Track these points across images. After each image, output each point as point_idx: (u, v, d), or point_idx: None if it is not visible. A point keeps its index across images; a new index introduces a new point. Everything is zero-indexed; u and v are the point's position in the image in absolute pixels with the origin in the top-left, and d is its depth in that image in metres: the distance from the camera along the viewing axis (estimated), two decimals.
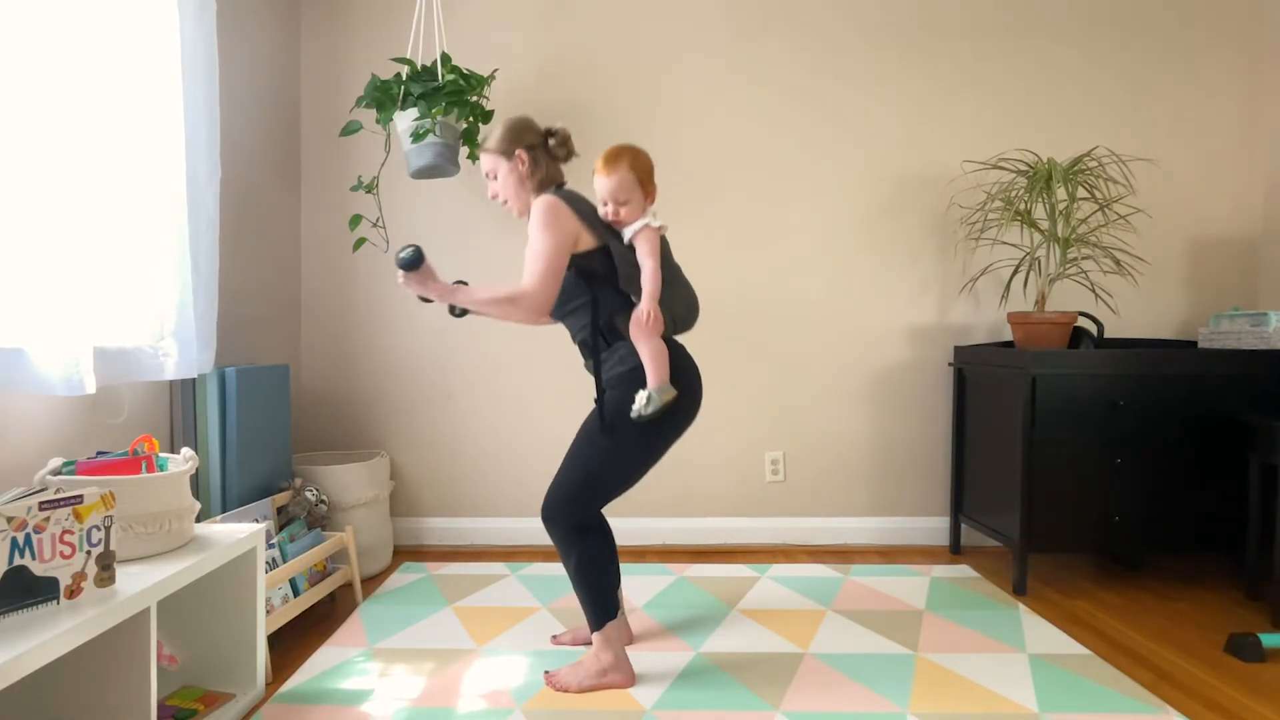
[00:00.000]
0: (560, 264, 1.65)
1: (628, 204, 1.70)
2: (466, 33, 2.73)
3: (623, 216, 1.71)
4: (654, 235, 1.70)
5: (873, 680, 1.72)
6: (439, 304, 1.87)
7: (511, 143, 1.76)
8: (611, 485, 1.71)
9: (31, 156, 1.47)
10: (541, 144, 1.78)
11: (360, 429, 2.83)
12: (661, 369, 1.63)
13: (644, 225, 1.70)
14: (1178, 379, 2.26)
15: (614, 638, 1.70)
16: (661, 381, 1.62)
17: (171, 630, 1.65)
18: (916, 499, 2.84)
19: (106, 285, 1.69)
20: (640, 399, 1.61)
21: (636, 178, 1.71)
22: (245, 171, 2.41)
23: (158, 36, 1.79)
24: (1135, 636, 2.00)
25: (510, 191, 1.79)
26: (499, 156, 1.77)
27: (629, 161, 1.71)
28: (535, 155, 1.77)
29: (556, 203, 1.68)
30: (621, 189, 1.69)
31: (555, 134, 1.79)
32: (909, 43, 2.78)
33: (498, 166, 1.78)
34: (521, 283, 1.64)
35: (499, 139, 1.76)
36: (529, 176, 1.77)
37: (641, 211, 1.73)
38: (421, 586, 2.35)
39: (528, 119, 1.80)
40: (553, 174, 1.81)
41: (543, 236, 1.64)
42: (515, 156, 1.76)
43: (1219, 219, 2.81)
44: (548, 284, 1.63)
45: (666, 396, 1.62)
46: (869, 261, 2.80)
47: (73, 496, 1.21)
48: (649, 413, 1.60)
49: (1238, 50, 2.78)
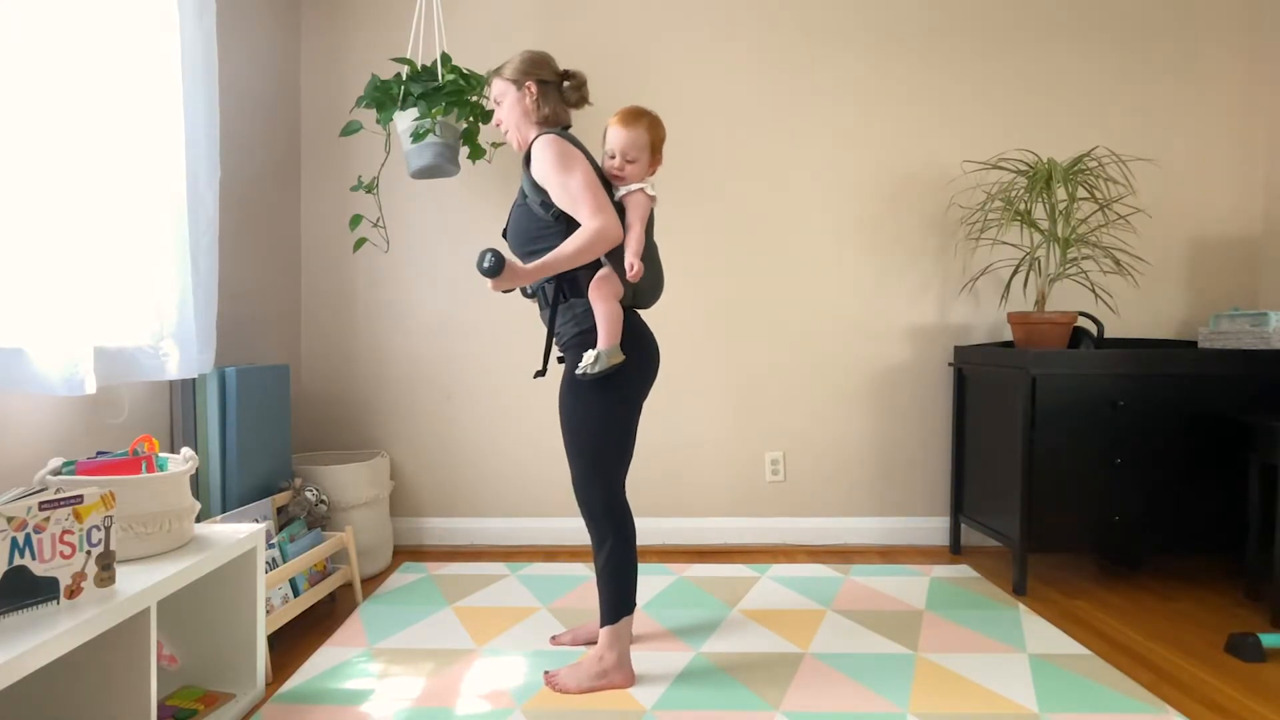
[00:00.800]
0: (600, 187, 1.64)
1: (635, 163, 1.70)
2: (466, 33, 2.73)
3: (627, 174, 1.71)
4: (647, 201, 1.71)
5: (873, 680, 1.72)
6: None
7: (525, 73, 1.73)
8: (610, 452, 1.70)
9: (32, 157, 1.47)
10: (556, 82, 1.76)
11: (360, 429, 2.83)
12: (614, 332, 1.63)
13: (639, 189, 1.71)
14: (1178, 379, 2.26)
15: (623, 635, 1.70)
16: (611, 344, 1.62)
17: (171, 630, 1.65)
18: (916, 499, 2.84)
19: (106, 285, 1.69)
20: (588, 357, 1.61)
21: (651, 140, 1.71)
22: (245, 172, 2.41)
23: (158, 37, 1.79)
24: (1135, 636, 2.00)
25: (513, 120, 1.76)
26: (509, 83, 1.75)
27: (649, 123, 1.72)
28: (546, 89, 1.74)
29: (562, 140, 1.67)
30: (636, 146, 1.69)
31: (573, 77, 1.77)
32: (909, 43, 2.78)
33: (506, 93, 1.75)
34: (586, 224, 1.60)
35: (515, 66, 1.74)
36: (534, 109, 1.74)
37: (643, 177, 1.74)
38: (421, 586, 2.35)
39: (548, 55, 1.78)
40: (559, 114, 1.78)
41: (570, 174, 1.62)
42: (525, 87, 1.74)
43: (1219, 219, 2.81)
44: (607, 208, 1.62)
45: (614, 359, 1.61)
46: (869, 261, 2.80)
47: (73, 496, 1.21)
48: (594, 371, 1.59)
49: (1237, 51, 2.79)
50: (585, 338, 1.66)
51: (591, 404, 1.67)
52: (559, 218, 1.66)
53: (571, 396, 1.68)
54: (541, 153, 1.64)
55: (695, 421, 2.81)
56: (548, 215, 1.67)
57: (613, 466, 1.70)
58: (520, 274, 1.58)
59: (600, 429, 1.68)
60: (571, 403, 1.68)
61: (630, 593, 1.71)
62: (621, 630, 1.70)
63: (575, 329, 1.69)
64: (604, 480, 1.70)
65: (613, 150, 1.71)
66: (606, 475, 1.70)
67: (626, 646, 1.71)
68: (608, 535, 1.70)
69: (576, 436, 1.69)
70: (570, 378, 1.69)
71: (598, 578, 1.72)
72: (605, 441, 1.69)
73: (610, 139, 1.71)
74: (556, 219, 1.67)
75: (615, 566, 1.70)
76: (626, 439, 1.71)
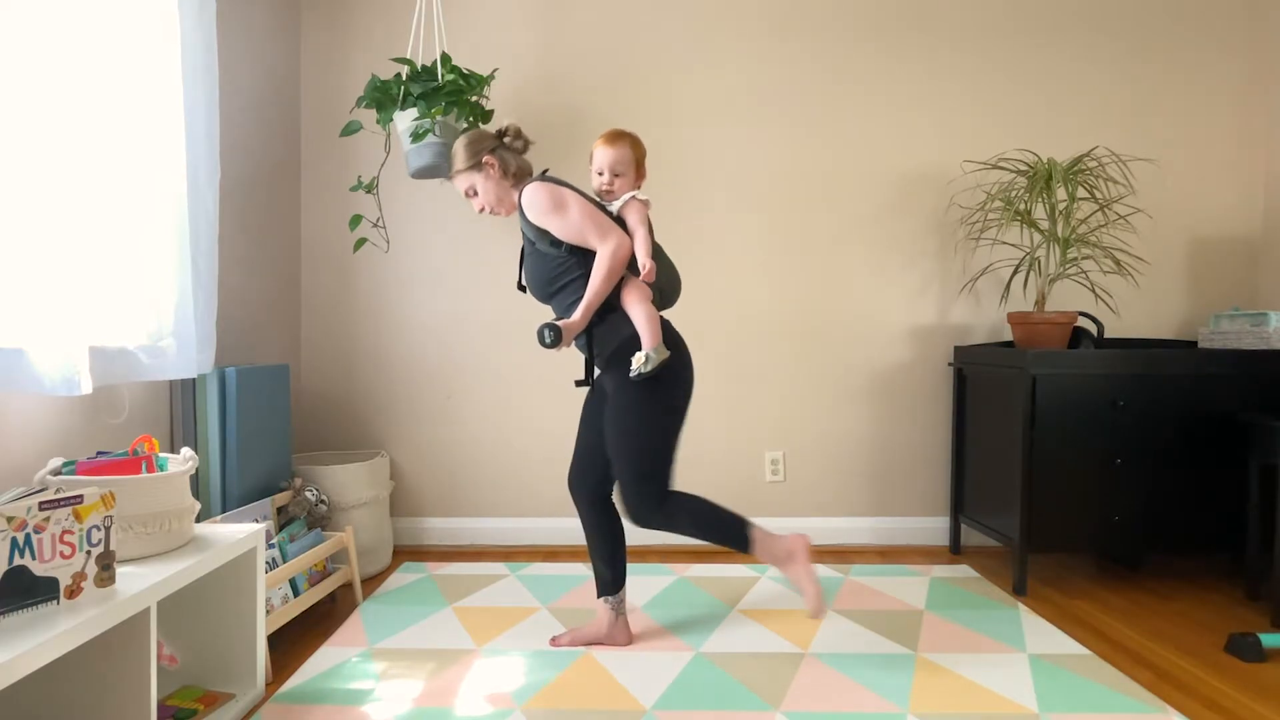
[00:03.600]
0: (596, 210, 1.74)
1: (622, 177, 1.81)
2: (466, 33, 2.73)
3: (615, 188, 1.81)
4: (642, 207, 1.81)
5: (873, 680, 1.72)
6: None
7: (476, 154, 1.85)
8: (662, 450, 1.76)
9: (32, 157, 1.47)
10: (500, 144, 1.87)
11: (360, 429, 2.83)
12: (655, 331, 1.72)
13: (631, 197, 1.81)
14: (1178, 379, 2.26)
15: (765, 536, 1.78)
16: (656, 342, 1.71)
17: (171, 630, 1.65)
18: (916, 499, 2.84)
19: (106, 285, 1.69)
20: (638, 359, 1.69)
21: (635, 156, 1.83)
22: (245, 171, 2.41)
23: (158, 36, 1.79)
24: (1135, 636, 2.00)
25: (493, 197, 1.88)
26: (470, 172, 1.86)
27: (631, 141, 1.83)
28: (500, 155, 1.86)
29: (546, 184, 1.75)
30: (621, 162, 1.80)
31: (507, 130, 1.88)
32: (909, 43, 2.78)
33: (473, 181, 1.87)
34: (601, 250, 1.71)
35: (463, 158, 1.86)
36: (504, 176, 1.86)
37: (630, 189, 1.83)
38: (421, 586, 2.35)
39: (477, 129, 1.90)
40: (522, 165, 1.89)
41: (566, 210, 1.73)
42: (485, 164, 1.84)
43: (1219, 219, 2.81)
44: (611, 226, 1.74)
45: (662, 356, 1.70)
46: (869, 261, 2.80)
47: (73, 496, 1.21)
48: (648, 370, 1.68)
49: (1238, 50, 2.78)
50: (629, 345, 1.74)
51: (643, 411, 1.74)
52: (572, 251, 1.77)
53: (622, 406, 1.75)
54: (531, 200, 1.74)
55: (695, 421, 2.81)
56: (560, 251, 1.77)
57: (668, 461, 1.77)
58: (574, 326, 1.70)
59: (658, 427, 1.75)
60: (623, 411, 1.75)
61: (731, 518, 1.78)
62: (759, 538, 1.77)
63: (616, 339, 1.76)
64: (659, 477, 1.75)
65: (600, 167, 1.82)
66: (662, 472, 1.76)
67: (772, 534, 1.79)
68: (680, 517, 1.75)
69: (633, 442, 1.75)
70: (617, 389, 1.76)
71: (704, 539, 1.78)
72: (665, 438, 1.76)
73: (597, 158, 1.82)
74: (570, 253, 1.77)
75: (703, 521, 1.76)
76: (674, 444, 1.78)
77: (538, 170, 1.91)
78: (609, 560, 1.92)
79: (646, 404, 1.74)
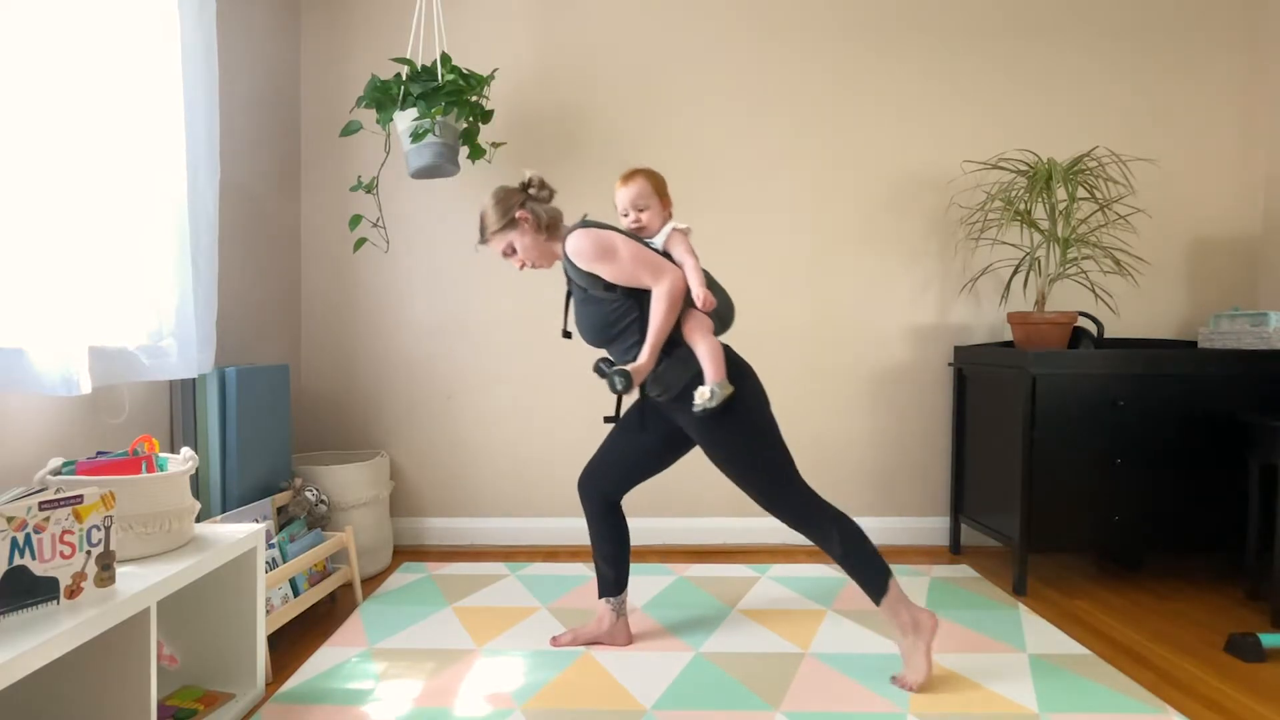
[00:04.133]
0: (643, 248, 1.73)
1: (647, 210, 1.80)
2: (466, 33, 2.73)
3: (644, 222, 1.80)
4: (683, 236, 1.81)
5: (873, 680, 1.72)
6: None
7: (506, 213, 1.81)
8: (779, 459, 1.74)
9: (32, 157, 1.47)
10: (528, 198, 1.84)
11: (360, 429, 2.83)
12: (720, 365, 1.69)
13: (671, 229, 1.80)
14: (1178, 379, 2.26)
15: (899, 596, 1.69)
16: (721, 376, 1.68)
17: (171, 630, 1.65)
18: (916, 499, 2.84)
19: (107, 285, 1.69)
20: (703, 394, 1.66)
21: (653, 186, 1.82)
22: (245, 171, 2.41)
23: (158, 36, 1.79)
24: (1135, 636, 2.00)
25: (534, 253, 1.84)
26: (505, 232, 1.82)
27: (644, 173, 1.83)
28: (531, 208, 1.83)
29: (590, 230, 1.73)
30: (640, 196, 1.80)
31: (531, 182, 1.85)
32: (909, 43, 2.78)
33: (510, 240, 1.83)
34: (656, 289, 1.69)
35: (495, 218, 1.82)
36: (539, 229, 1.83)
37: (661, 219, 1.82)
38: (421, 586, 2.35)
39: (502, 186, 1.86)
40: (553, 215, 1.86)
41: (615, 253, 1.70)
42: (519, 220, 1.81)
43: (1219, 219, 2.81)
44: (661, 263, 1.72)
45: (727, 391, 1.67)
46: (869, 261, 2.80)
47: (73, 496, 1.21)
48: (713, 405, 1.65)
49: (1238, 50, 2.79)
50: (697, 380, 1.70)
51: (740, 428, 1.72)
52: (626, 294, 1.74)
53: (722, 450, 1.73)
54: (578, 248, 1.71)
55: None
56: (614, 295, 1.74)
57: (790, 470, 1.74)
58: (643, 369, 1.68)
59: (758, 441, 1.73)
60: (722, 437, 1.72)
61: (877, 559, 1.71)
62: (894, 594, 1.69)
63: (687, 374, 1.72)
64: (791, 485, 1.73)
65: (624, 208, 1.82)
66: (790, 480, 1.73)
67: (905, 600, 1.71)
68: (826, 527, 1.72)
69: (745, 460, 1.73)
70: (702, 429, 1.73)
71: (844, 568, 1.73)
72: (767, 450, 1.73)
73: (618, 200, 1.82)
74: (625, 295, 1.74)
75: (851, 549, 1.71)
76: (783, 444, 1.76)
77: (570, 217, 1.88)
78: (612, 561, 1.92)
79: (742, 436, 1.72)
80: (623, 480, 1.92)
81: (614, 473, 1.92)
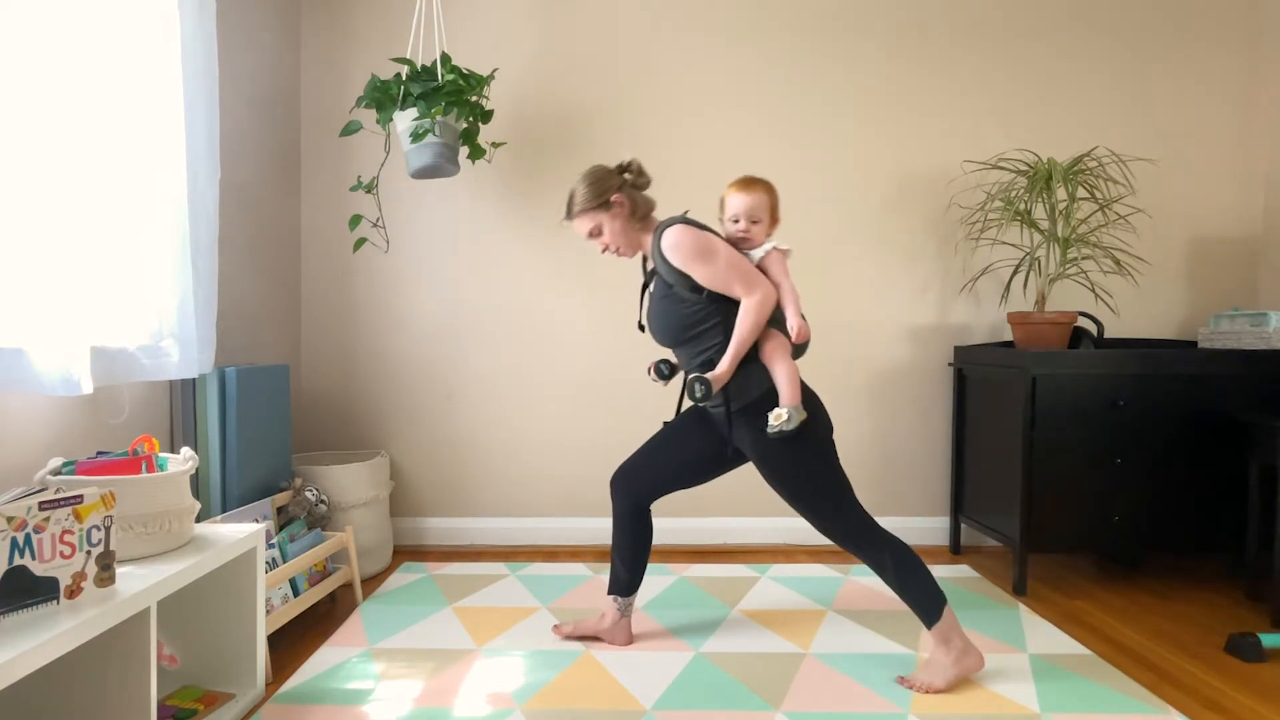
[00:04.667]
0: (742, 259, 1.70)
1: (759, 223, 1.77)
2: (466, 33, 2.73)
3: (752, 234, 1.77)
4: (783, 257, 1.78)
5: (873, 680, 1.72)
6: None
7: (600, 194, 1.77)
8: (838, 483, 1.72)
9: (32, 157, 1.47)
10: (624, 182, 1.80)
11: (360, 429, 2.83)
12: (797, 389, 1.67)
13: (773, 248, 1.77)
14: (1178, 379, 2.26)
15: (952, 624, 1.68)
16: (797, 400, 1.65)
17: (171, 630, 1.65)
18: (916, 499, 2.84)
19: (106, 285, 1.69)
20: (778, 416, 1.63)
21: (770, 201, 1.79)
22: (245, 171, 2.41)
23: (158, 36, 1.79)
24: (1135, 636, 2.00)
25: (621, 238, 1.80)
26: (595, 212, 1.78)
27: (766, 186, 1.79)
28: (628, 193, 1.79)
29: (691, 228, 1.70)
30: (758, 208, 1.76)
31: (629, 166, 1.81)
32: (909, 43, 2.78)
33: (599, 221, 1.79)
34: (747, 299, 1.66)
35: (588, 196, 1.77)
36: (633, 216, 1.80)
37: (766, 234, 1.79)
38: (421, 586, 2.35)
39: (600, 166, 1.82)
40: (648, 204, 1.83)
41: (714, 256, 1.67)
42: (614, 203, 1.77)
43: (1219, 219, 2.81)
44: (757, 276, 1.69)
45: (801, 416, 1.64)
46: (869, 261, 2.80)
47: (73, 496, 1.21)
48: (789, 429, 1.62)
49: (1237, 50, 2.79)
50: (766, 399, 1.67)
51: (805, 454, 1.69)
52: (711, 298, 1.70)
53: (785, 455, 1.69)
54: (677, 243, 1.68)
55: None
56: (699, 297, 1.71)
57: (848, 494, 1.72)
58: (722, 378, 1.65)
59: (823, 467, 1.71)
60: (789, 459, 1.69)
61: (933, 586, 1.69)
62: (947, 621, 1.67)
63: (756, 390, 1.69)
64: (849, 509, 1.71)
65: (736, 214, 1.77)
66: (848, 503, 1.71)
67: (959, 629, 1.69)
68: (881, 552, 1.70)
69: (807, 483, 1.71)
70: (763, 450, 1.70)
71: (898, 593, 1.71)
72: (830, 476, 1.71)
73: (732, 204, 1.78)
74: (710, 300, 1.71)
75: (906, 575, 1.69)
76: (841, 471, 1.74)
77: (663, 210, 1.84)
78: (629, 563, 1.91)
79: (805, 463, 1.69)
80: (658, 486, 1.91)
81: (651, 477, 1.90)
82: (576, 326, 2.80)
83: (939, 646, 1.68)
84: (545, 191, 2.76)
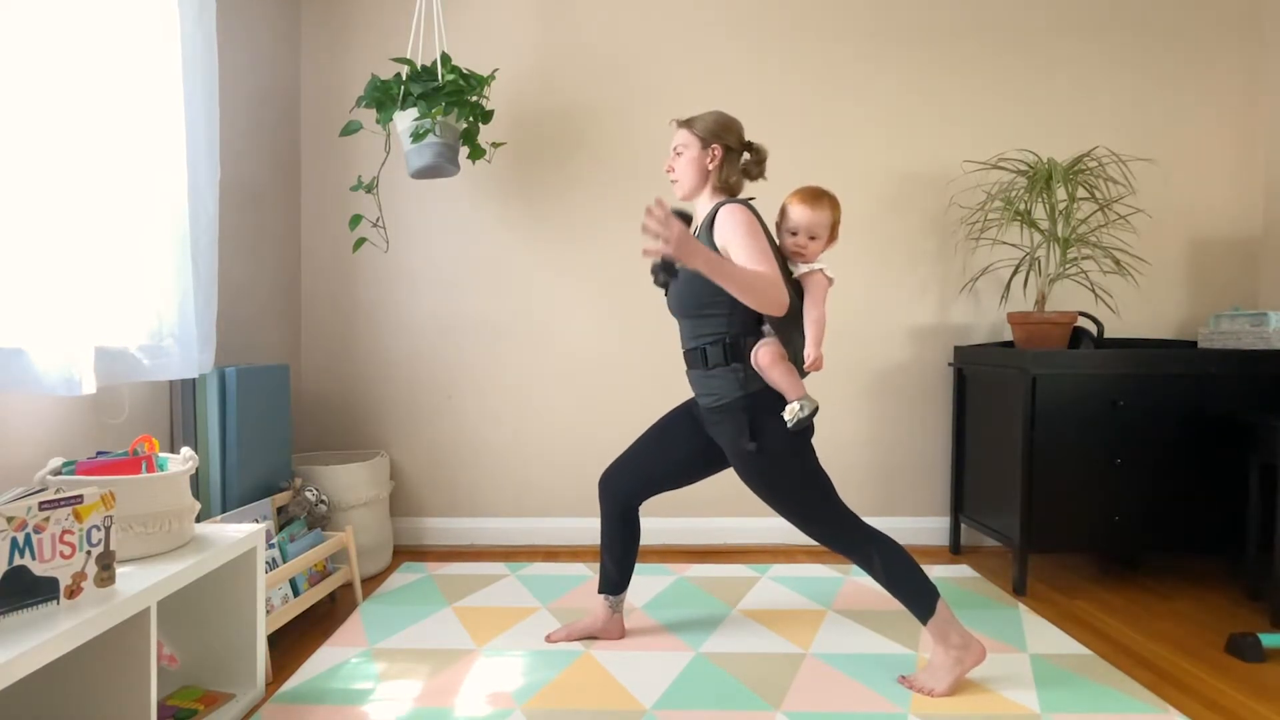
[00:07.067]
0: (776, 262, 1.66)
1: (816, 240, 1.75)
2: (466, 33, 2.73)
3: (808, 252, 1.75)
4: (826, 283, 1.75)
5: (873, 680, 1.72)
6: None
7: (714, 134, 1.76)
8: (821, 487, 1.71)
9: (32, 157, 1.47)
10: (739, 150, 1.80)
11: (360, 429, 2.83)
12: (797, 382, 1.66)
13: (820, 270, 1.75)
14: (1178, 379, 2.26)
15: (947, 618, 1.67)
16: (803, 392, 1.65)
17: (171, 630, 1.65)
18: (916, 499, 2.84)
19: (106, 285, 1.69)
20: (795, 408, 1.63)
21: (833, 220, 1.76)
22: (245, 171, 2.41)
23: (157, 37, 1.79)
24: (1135, 636, 2.00)
25: (688, 175, 1.78)
26: (696, 138, 1.77)
27: (832, 203, 1.77)
28: (729, 156, 1.78)
29: (750, 212, 1.70)
30: (820, 225, 1.74)
31: (756, 150, 1.81)
32: (909, 43, 2.78)
33: (690, 146, 1.78)
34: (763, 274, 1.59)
35: (705, 125, 1.77)
36: (713, 172, 1.78)
37: (820, 254, 1.77)
38: (421, 586, 2.35)
39: (737, 121, 1.81)
40: (734, 183, 1.81)
41: (755, 241, 1.64)
42: (710, 148, 1.77)
43: (1219, 219, 2.81)
44: (778, 279, 1.61)
45: (813, 404, 1.64)
46: (869, 261, 2.80)
47: (73, 496, 1.21)
48: (805, 416, 1.62)
49: (1238, 50, 2.79)
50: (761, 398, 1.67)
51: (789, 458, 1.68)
52: None
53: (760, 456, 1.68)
54: (729, 217, 1.67)
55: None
56: None
57: (830, 493, 1.72)
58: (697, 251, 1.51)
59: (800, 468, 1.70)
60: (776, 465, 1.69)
61: (924, 581, 1.68)
62: (942, 615, 1.66)
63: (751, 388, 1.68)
64: (830, 508, 1.71)
65: (795, 227, 1.75)
66: (830, 502, 1.71)
67: (956, 623, 1.68)
68: (868, 550, 1.69)
69: (794, 490, 1.70)
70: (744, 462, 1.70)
71: (889, 590, 1.70)
72: (809, 476, 1.71)
73: (794, 216, 1.75)
74: None
75: (895, 571, 1.68)
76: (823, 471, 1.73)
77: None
78: (618, 562, 1.92)
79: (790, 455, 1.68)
80: (647, 486, 1.91)
81: (640, 476, 1.90)
82: (577, 326, 2.80)
83: (937, 645, 1.68)
84: (545, 192, 2.76)
